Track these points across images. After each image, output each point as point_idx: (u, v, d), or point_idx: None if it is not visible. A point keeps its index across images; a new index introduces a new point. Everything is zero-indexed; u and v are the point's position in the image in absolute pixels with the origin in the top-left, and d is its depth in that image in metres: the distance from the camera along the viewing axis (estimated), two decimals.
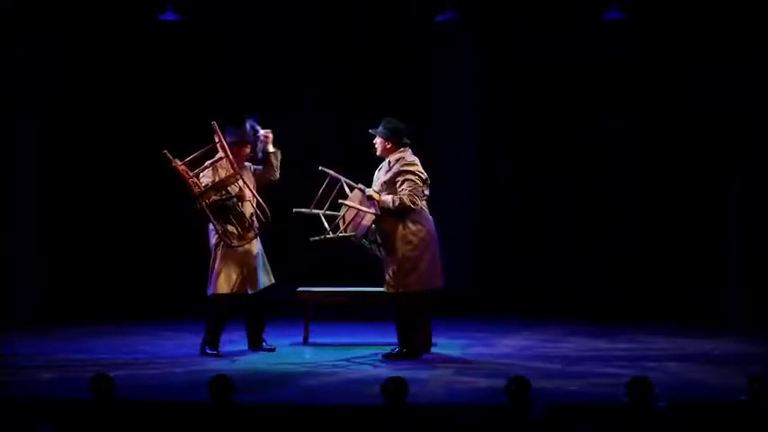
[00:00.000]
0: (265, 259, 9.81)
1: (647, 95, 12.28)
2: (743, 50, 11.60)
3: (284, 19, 12.50)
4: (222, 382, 6.63)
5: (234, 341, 10.14)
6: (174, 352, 9.94)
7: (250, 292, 9.69)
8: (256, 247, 9.73)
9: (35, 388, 8.22)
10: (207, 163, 9.65)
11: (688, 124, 12.09)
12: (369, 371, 8.92)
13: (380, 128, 9.47)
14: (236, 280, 9.65)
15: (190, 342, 10.44)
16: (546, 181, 12.52)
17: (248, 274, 9.68)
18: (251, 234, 9.66)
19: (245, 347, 9.92)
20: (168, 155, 9.47)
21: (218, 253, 9.66)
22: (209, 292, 9.68)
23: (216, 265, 9.66)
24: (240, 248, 9.61)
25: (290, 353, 9.86)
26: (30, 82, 11.96)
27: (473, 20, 12.22)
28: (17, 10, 11.68)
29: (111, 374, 6.85)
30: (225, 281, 9.63)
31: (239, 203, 9.59)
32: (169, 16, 11.51)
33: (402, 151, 9.45)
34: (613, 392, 7.59)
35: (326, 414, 7.17)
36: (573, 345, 10.36)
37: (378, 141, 9.52)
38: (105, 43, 12.27)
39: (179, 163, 9.50)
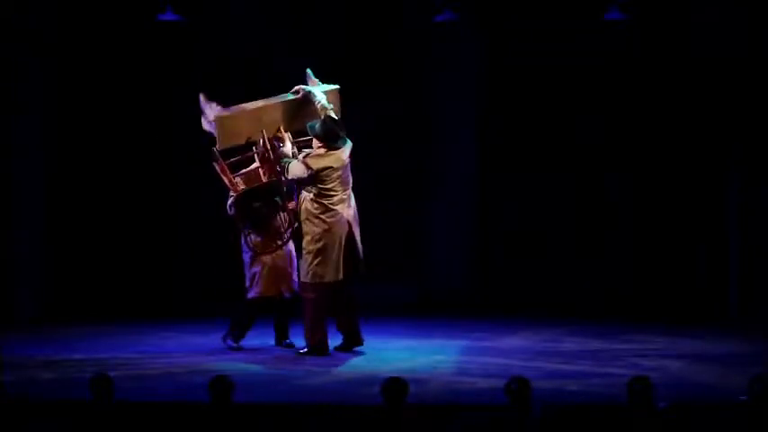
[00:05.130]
0: (294, 267, 9.90)
1: (648, 95, 12.27)
2: (742, 49, 11.62)
3: (283, 19, 12.50)
4: (222, 382, 6.63)
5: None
6: (174, 352, 9.95)
7: (287, 295, 9.85)
8: (285, 254, 9.86)
9: (35, 388, 8.22)
10: (243, 171, 9.87)
11: (688, 124, 12.09)
12: (369, 371, 8.92)
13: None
14: (271, 283, 9.80)
15: (190, 342, 10.46)
16: (546, 180, 12.51)
17: (280, 278, 9.82)
18: (278, 243, 9.79)
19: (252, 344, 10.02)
20: (215, 152, 9.67)
21: (249, 258, 9.85)
22: (249, 295, 9.84)
23: (250, 269, 9.84)
24: (268, 254, 9.78)
25: (290, 353, 9.85)
26: (30, 82, 11.94)
27: (473, 20, 12.22)
28: (17, 10, 11.68)
29: (111, 374, 6.85)
30: (261, 284, 9.80)
31: (270, 211, 9.75)
32: (169, 16, 11.51)
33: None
34: (613, 392, 7.59)
35: (326, 414, 7.17)
36: (573, 345, 10.36)
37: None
38: (105, 43, 12.26)
39: (224, 162, 9.72)
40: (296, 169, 9.52)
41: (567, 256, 12.53)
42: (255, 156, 9.88)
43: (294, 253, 9.92)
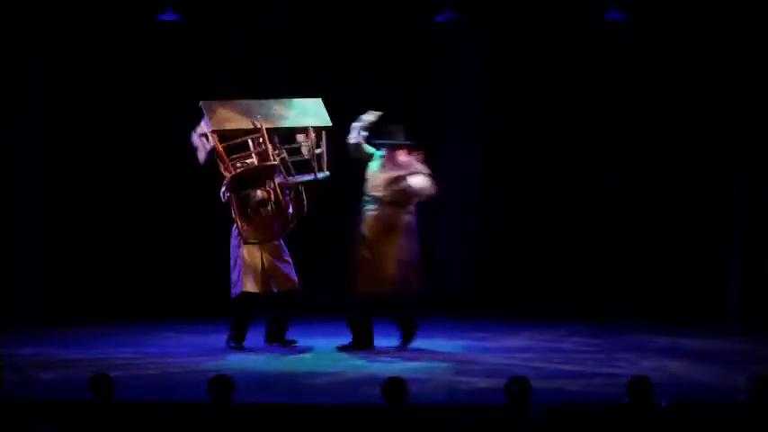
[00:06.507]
0: (288, 262, 9.93)
1: (647, 95, 12.27)
2: (743, 50, 11.63)
3: (284, 19, 12.50)
4: (222, 382, 6.63)
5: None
6: (174, 352, 9.95)
7: (275, 290, 9.87)
8: (280, 248, 9.90)
9: (35, 388, 8.22)
10: (238, 156, 9.93)
11: (688, 124, 12.10)
12: (369, 371, 8.92)
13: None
14: (257, 279, 9.82)
15: (189, 342, 10.47)
16: (546, 181, 12.51)
17: (269, 274, 9.85)
18: (269, 235, 9.79)
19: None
20: (214, 135, 9.69)
21: (239, 252, 9.85)
22: (233, 292, 9.87)
23: (237, 265, 9.86)
24: (259, 247, 9.80)
25: (290, 353, 9.86)
26: (30, 82, 11.95)
27: (473, 20, 12.22)
28: (18, 11, 11.68)
29: (111, 374, 6.85)
30: (246, 280, 9.81)
31: (264, 200, 9.80)
32: (169, 16, 11.52)
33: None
34: (613, 392, 7.59)
35: (326, 414, 7.17)
36: (573, 345, 10.36)
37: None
38: (105, 43, 12.26)
39: (221, 145, 9.75)
40: (427, 184, 9.77)
41: (568, 257, 12.53)
42: (250, 143, 9.86)
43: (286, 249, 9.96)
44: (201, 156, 9.94)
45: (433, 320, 11.57)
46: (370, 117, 9.89)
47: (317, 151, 10.01)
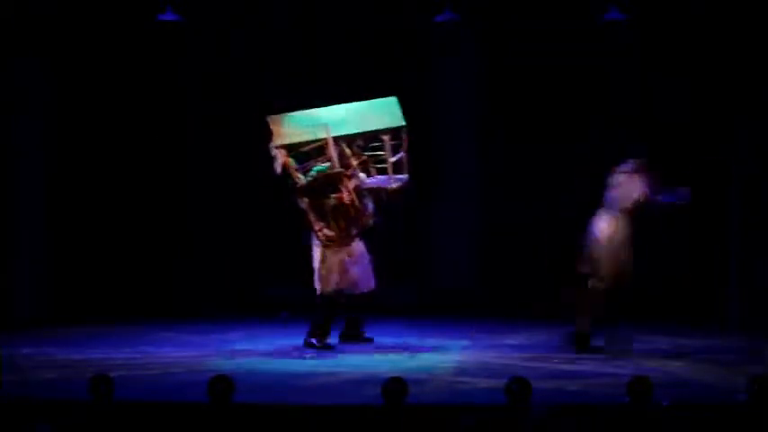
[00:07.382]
0: (367, 263, 10.02)
1: (647, 95, 12.27)
2: (743, 50, 11.63)
3: (284, 19, 12.51)
4: (222, 382, 6.63)
5: (232, 340, 10.16)
6: (173, 352, 9.95)
7: (356, 292, 9.98)
8: (357, 250, 9.97)
9: (35, 388, 8.23)
10: (311, 162, 9.97)
11: (689, 124, 12.10)
12: (369, 371, 8.92)
13: None
14: (341, 279, 9.89)
15: (189, 342, 10.47)
16: (546, 180, 12.51)
17: (350, 275, 9.92)
18: (349, 237, 9.89)
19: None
20: (281, 150, 9.70)
21: (320, 253, 9.92)
22: (318, 291, 9.92)
23: (320, 265, 9.92)
24: (340, 249, 9.87)
25: (291, 353, 9.86)
26: (30, 82, 11.95)
27: (473, 20, 12.22)
28: (18, 12, 11.68)
29: (111, 375, 6.85)
30: (330, 280, 9.88)
31: (339, 205, 9.84)
32: (169, 16, 11.52)
33: None
34: (613, 392, 7.59)
35: (326, 414, 7.17)
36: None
37: None
38: (105, 43, 12.27)
39: (286, 155, 9.78)
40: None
41: (568, 257, 12.51)
42: (330, 147, 9.87)
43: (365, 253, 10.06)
44: (278, 166, 9.93)
45: (433, 320, 11.60)
46: None
47: (392, 159, 10.03)
